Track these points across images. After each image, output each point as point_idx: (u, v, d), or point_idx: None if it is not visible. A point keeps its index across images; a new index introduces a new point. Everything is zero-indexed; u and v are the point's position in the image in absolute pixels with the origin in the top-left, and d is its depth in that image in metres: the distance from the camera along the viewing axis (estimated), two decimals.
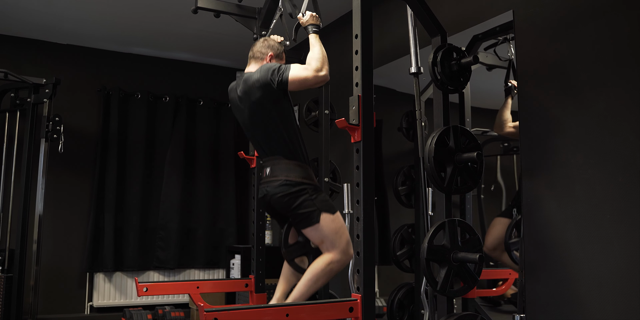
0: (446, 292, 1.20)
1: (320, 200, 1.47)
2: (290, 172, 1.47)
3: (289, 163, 1.48)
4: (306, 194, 1.45)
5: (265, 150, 1.54)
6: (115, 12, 2.56)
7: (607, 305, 1.22)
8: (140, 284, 1.71)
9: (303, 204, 1.45)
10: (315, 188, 1.49)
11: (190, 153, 3.17)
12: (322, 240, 1.46)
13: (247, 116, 1.54)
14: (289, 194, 1.45)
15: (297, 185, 1.46)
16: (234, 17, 1.95)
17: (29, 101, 2.47)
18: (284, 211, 1.50)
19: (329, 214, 1.46)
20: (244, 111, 1.55)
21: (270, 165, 1.51)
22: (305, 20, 1.54)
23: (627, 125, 1.22)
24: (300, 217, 1.46)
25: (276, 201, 1.48)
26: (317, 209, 1.45)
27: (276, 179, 1.48)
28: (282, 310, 1.09)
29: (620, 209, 1.21)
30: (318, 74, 1.42)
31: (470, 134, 1.31)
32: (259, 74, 1.48)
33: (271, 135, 1.50)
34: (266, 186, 1.51)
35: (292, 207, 1.46)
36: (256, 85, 1.47)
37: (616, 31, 1.26)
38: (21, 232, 2.35)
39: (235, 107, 1.59)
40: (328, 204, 1.48)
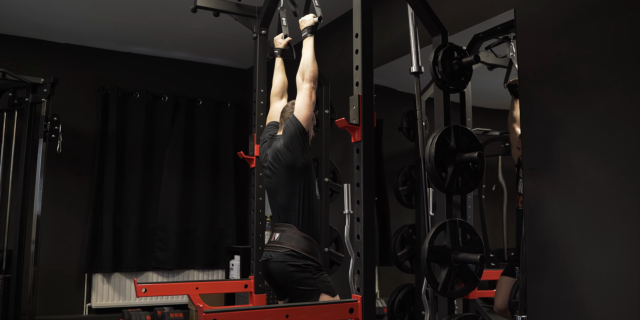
0: (447, 293, 1.19)
1: (321, 281, 1.47)
2: (299, 243, 1.48)
3: (299, 234, 1.49)
4: (309, 271, 1.46)
5: (280, 216, 1.55)
6: (114, 11, 2.55)
7: (609, 307, 1.21)
8: (139, 285, 1.70)
9: (304, 281, 1.45)
10: (318, 267, 1.49)
11: (190, 153, 3.16)
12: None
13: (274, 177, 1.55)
14: (294, 265, 1.46)
15: (303, 259, 1.46)
16: (233, 16, 1.94)
17: (27, 101, 2.46)
18: (283, 282, 1.50)
19: (328, 296, 1.46)
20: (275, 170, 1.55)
21: (280, 232, 1.53)
22: (304, 23, 1.54)
23: (629, 125, 1.21)
24: (299, 292, 1.46)
25: (278, 269, 1.48)
26: (317, 289, 1.45)
27: (282, 247, 1.49)
28: (282, 311, 1.09)
29: (622, 209, 1.20)
30: (313, 83, 1.47)
31: (472, 133, 1.30)
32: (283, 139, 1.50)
33: (289, 201, 1.51)
34: (270, 251, 1.52)
35: (293, 282, 1.46)
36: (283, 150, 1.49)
37: (618, 30, 1.25)
38: (19, 233, 2.34)
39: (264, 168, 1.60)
40: (329, 285, 1.49)
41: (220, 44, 3.01)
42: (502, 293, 1.49)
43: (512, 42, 1.50)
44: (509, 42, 1.51)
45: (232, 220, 3.20)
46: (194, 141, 3.19)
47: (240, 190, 3.29)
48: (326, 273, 1.53)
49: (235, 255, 2.91)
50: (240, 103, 3.38)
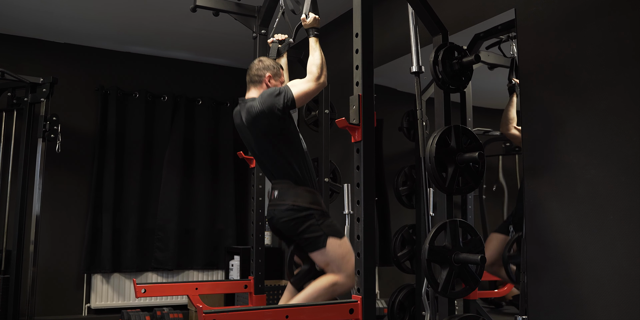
0: (447, 293, 1.19)
1: (326, 225, 1.48)
2: (298, 197, 1.48)
3: (297, 188, 1.50)
4: (313, 219, 1.47)
5: (274, 174, 1.55)
6: (113, 11, 2.54)
7: (610, 307, 1.21)
8: (138, 285, 1.69)
9: (309, 229, 1.46)
10: (322, 213, 1.50)
11: (189, 153, 3.15)
12: (328, 264, 1.47)
13: (254, 145, 1.55)
14: (295, 218, 1.47)
15: (304, 210, 1.47)
16: (233, 15, 1.93)
17: (26, 100, 2.45)
18: (290, 235, 1.51)
19: (335, 239, 1.47)
20: (249, 139, 1.56)
21: (279, 189, 1.53)
22: (309, 22, 1.53)
23: (629, 124, 1.21)
24: (307, 241, 1.47)
25: (282, 225, 1.50)
26: (323, 234, 1.46)
27: (283, 203, 1.49)
28: (282, 312, 1.08)
29: (623, 209, 1.20)
30: (319, 82, 1.46)
31: (472, 133, 1.30)
32: (261, 104, 1.47)
33: (279, 162, 1.51)
34: (274, 209, 1.53)
35: (298, 232, 1.47)
36: (260, 115, 1.47)
37: (619, 30, 1.25)
38: (18, 233, 2.34)
39: (241, 133, 1.60)
40: (335, 228, 1.49)
41: (220, 44, 3.00)
42: (491, 248, 1.49)
43: (513, 42, 1.50)
44: (512, 41, 1.50)
45: (232, 221, 3.19)
46: (193, 141, 3.18)
47: (240, 190, 3.29)
48: (331, 218, 1.51)
49: (235, 256, 2.90)
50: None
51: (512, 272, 1.44)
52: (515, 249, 1.42)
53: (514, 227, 1.44)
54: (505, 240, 1.47)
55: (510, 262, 1.42)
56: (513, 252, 1.42)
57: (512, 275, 1.44)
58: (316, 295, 1.43)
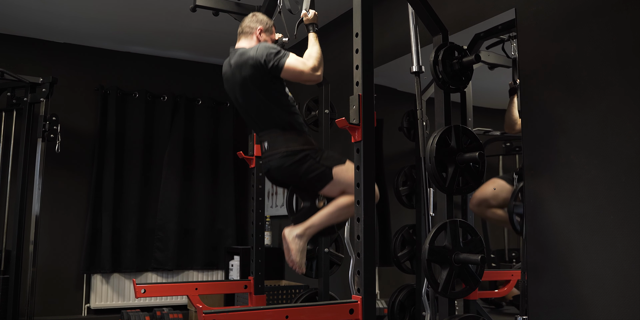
0: (447, 293, 1.18)
1: (325, 158, 1.46)
2: (290, 142, 1.46)
3: (286, 134, 1.47)
4: (310, 159, 1.44)
5: (260, 125, 1.52)
6: (113, 11, 2.54)
7: (610, 307, 1.20)
8: (138, 286, 1.69)
9: (310, 169, 1.43)
10: (316, 150, 1.47)
11: (189, 153, 3.15)
12: (344, 190, 1.45)
13: (238, 91, 1.52)
14: (293, 163, 1.44)
15: (299, 153, 1.44)
16: (232, 15, 1.93)
17: (26, 100, 2.45)
18: (292, 181, 1.48)
19: (340, 166, 1.45)
20: (235, 86, 1.52)
21: (268, 139, 1.50)
22: (310, 17, 1.53)
23: (630, 124, 1.21)
24: (313, 180, 1.44)
25: (282, 173, 1.47)
26: (326, 168, 1.44)
27: (277, 152, 1.47)
28: (282, 312, 1.08)
29: (624, 209, 1.20)
30: (313, 73, 1.43)
31: (472, 133, 1.30)
32: (255, 51, 1.45)
33: (264, 110, 1.49)
34: (268, 161, 1.50)
35: (300, 175, 1.44)
36: (250, 62, 1.45)
37: (619, 30, 1.25)
38: (17, 233, 2.33)
39: (227, 82, 1.56)
40: (334, 158, 1.47)
41: (220, 44, 3.00)
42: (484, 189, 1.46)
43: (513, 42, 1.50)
44: (512, 42, 1.50)
45: (232, 221, 3.19)
46: (193, 141, 3.18)
47: (240, 191, 3.28)
48: (326, 151, 1.50)
49: (234, 256, 2.90)
50: None
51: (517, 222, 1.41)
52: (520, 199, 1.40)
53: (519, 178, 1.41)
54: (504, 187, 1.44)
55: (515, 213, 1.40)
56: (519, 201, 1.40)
57: (517, 226, 1.41)
58: (338, 213, 1.42)
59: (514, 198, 1.43)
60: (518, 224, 1.41)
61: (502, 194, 1.46)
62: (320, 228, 1.45)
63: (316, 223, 1.44)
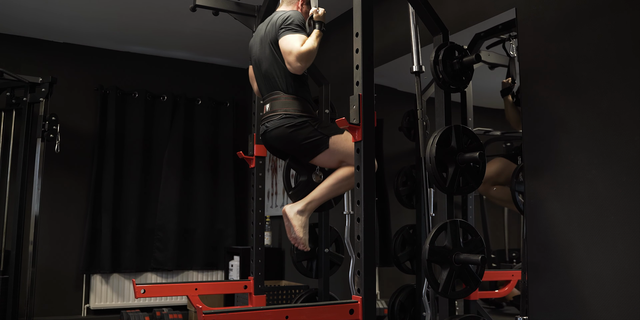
0: (448, 294, 1.18)
1: (323, 127, 1.45)
2: (289, 106, 1.45)
3: (288, 97, 1.47)
4: (308, 126, 1.44)
5: (267, 86, 1.53)
6: (113, 10, 2.53)
7: (611, 307, 1.20)
8: (137, 286, 1.68)
9: (308, 135, 1.43)
10: (315, 119, 1.47)
11: (189, 153, 3.15)
12: (342, 160, 1.44)
13: (259, 48, 1.54)
14: (292, 126, 1.43)
15: (298, 118, 1.44)
16: (232, 15, 1.93)
17: (25, 100, 2.44)
18: (289, 146, 1.47)
19: (338, 135, 1.44)
20: (257, 42, 1.55)
21: (270, 102, 1.50)
22: (320, 15, 1.52)
23: (631, 124, 1.20)
24: (308, 146, 1.43)
25: (278, 135, 1.46)
26: (323, 136, 1.43)
27: (275, 114, 1.47)
28: (282, 312, 1.07)
29: (624, 209, 1.20)
30: (296, 60, 1.39)
31: (473, 133, 1.30)
32: (284, 15, 1.48)
33: (275, 71, 1.49)
34: (266, 122, 1.50)
35: (298, 140, 1.43)
36: (277, 22, 1.47)
37: (620, 29, 1.24)
38: (17, 233, 2.33)
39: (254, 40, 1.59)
40: (332, 127, 1.47)
41: (220, 43, 3.00)
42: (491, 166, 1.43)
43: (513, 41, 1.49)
44: (512, 42, 1.50)
45: (232, 221, 3.18)
46: (193, 141, 3.18)
47: (240, 191, 3.28)
48: (325, 120, 1.49)
49: (234, 256, 2.90)
50: (239, 102, 3.37)
51: (520, 201, 1.40)
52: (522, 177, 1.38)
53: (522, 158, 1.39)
54: (509, 165, 1.42)
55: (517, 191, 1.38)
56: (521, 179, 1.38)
57: (520, 205, 1.39)
58: (338, 185, 1.41)
59: (515, 175, 1.40)
60: (520, 203, 1.40)
61: (507, 172, 1.44)
62: (322, 202, 1.44)
63: (317, 197, 1.42)
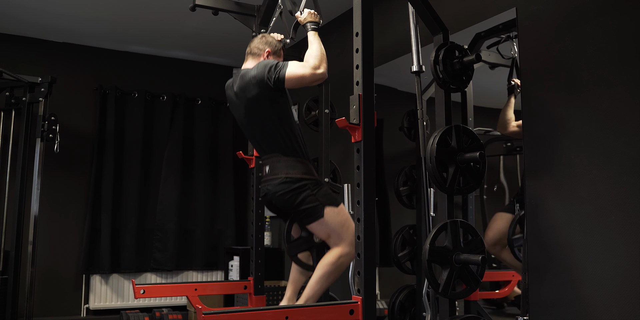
0: (448, 294, 1.18)
1: (322, 195, 1.45)
2: (290, 169, 1.45)
3: (288, 160, 1.47)
4: (307, 189, 1.44)
5: (264, 148, 1.53)
6: (112, 10, 2.53)
7: (612, 308, 1.20)
8: (137, 286, 1.68)
9: (305, 200, 1.43)
10: (316, 182, 1.47)
11: (188, 153, 3.14)
12: (329, 235, 1.45)
13: (243, 114, 1.52)
14: (290, 191, 1.44)
15: (298, 182, 1.44)
16: (232, 14, 1.92)
17: (24, 100, 2.44)
18: (287, 209, 1.49)
19: (332, 207, 1.44)
20: (240, 109, 1.53)
21: (270, 163, 1.50)
22: (303, 18, 1.53)
23: (632, 124, 1.20)
24: (304, 213, 1.45)
25: (278, 199, 1.47)
26: (320, 204, 1.44)
27: (276, 177, 1.47)
28: (282, 313, 1.07)
29: (625, 210, 1.19)
30: (315, 71, 1.41)
31: (473, 133, 1.29)
32: (255, 70, 1.46)
33: (269, 133, 1.49)
34: (267, 185, 1.50)
35: (295, 204, 1.44)
36: (252, 82, 1.45)
37: (621, 29, 1.24)
38: (16, 234, 2.32)
39: (232, 105, 1.57)
40: (331, 197, 1.47)
41: (220, 43, 2.99)
42: (495, 227, 1.47)
43: (514, 41, 1.49)
44: (512, 41, 1.50)
45: (231, 221, 3.18)
46: (192, 141, 3.17)
47: (240, 191, 3.27)
48: (325, 187, 1.50)
49: (234, 256, 2.89)
50: None
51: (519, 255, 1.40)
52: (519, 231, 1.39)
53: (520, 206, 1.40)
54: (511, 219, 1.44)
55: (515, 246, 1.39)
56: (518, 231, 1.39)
57: (518, 255, 1.40)
58: (327, 274, 1.42)
59: (512, 229, 1.42)
60: (519, 255, 1.40)
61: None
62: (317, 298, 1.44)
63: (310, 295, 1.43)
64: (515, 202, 1.46)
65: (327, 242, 1.47)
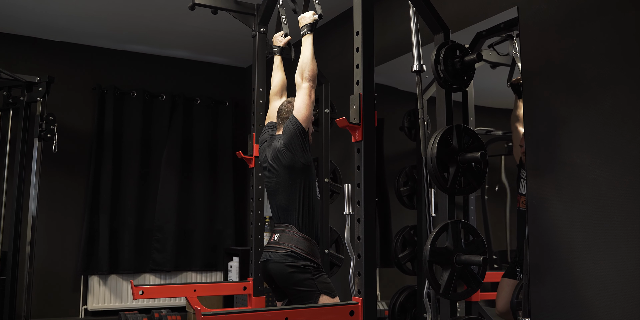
0: (449, 295, 1.17)
1: (321, 282, 1.46)
2: (298, 244, 1.47)
3: (299, 235, 1.48)
4: (308, 272, 1.45)
5: (280, 217, 1.54)
6: (111, 9, 2.52)
7: (614, 309, 1.19)
8: (136, 287, 1.67)
9: (303, 282, 1.44)
10: (318, 268, 1.49)
11: (187, 153, 3.13)
12: None
13: (273, 179, 1.54)
14: (292, 266, 1.45)
15: (302, 260, 1.45)
16: (232, 13, 1.91)
17: (22, 100, 2.42)
18: (283, 283, 1.49)
19: (328, 297, 1.45)
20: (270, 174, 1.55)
21: (280, 233, 1.52)
22: (304, 21, 1.53)
23: (634, 124, 1.19)
24: (299, 294, 1.45)
25: (277, 270, 1.47)
26: (317, 290, 1.44)
27: (281, 247, 1.48)
28: (282, 314, 1.07)
29: (627, 210, 1.19)
30: (312, 82, 1.46)
31: (474, 133, 1.29)
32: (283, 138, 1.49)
33: (289, 202, 1.50)
34: (270, 251, 1.51)
35: (292, 282, 1.45)
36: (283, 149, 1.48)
37: (623, 28, 1.23)
38: (14, 234, 2.31)
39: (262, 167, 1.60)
40: (329, 286, 1.48)
41: (219, 42, 2.98)
42: (504, 295, 1.48)
43: (515, 40, 1.48)
44: (512, 40, 1.49)
45: (231, 221, 3.17)
46: (191, 141, 3.16)
47: (239, 191, 3.26)
48: (326, 274, 1.51)
49: (234, 257, 2.88)
50: (239, 102, 3.35)
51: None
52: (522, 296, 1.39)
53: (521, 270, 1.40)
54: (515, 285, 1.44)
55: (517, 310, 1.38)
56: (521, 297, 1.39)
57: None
58: None
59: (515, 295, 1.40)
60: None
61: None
62: None
63: None
64: (514, 266, 1.45)
65: None
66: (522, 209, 1.43)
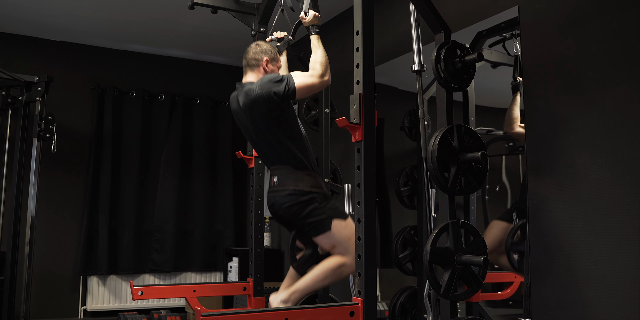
0: (450, 295, 1.17)
1: (330, 208, 1.46)
2: (299, 181, 1.46)
3: (298, 173, 1.47)
4: (315, 202, 1.44)
5: (273, 160, 1.53)
6: (110, 8, 2.51)
7: (615, 309, 1.19)
8: (135, 288, 1.66)
9: (313, 213, 1.44)
10: (324, 196, 1.48)
11: (187, 153, 3.13)
12: (335, 246, 1.45)
13: (251, 129, 1.53)
14: (298, 203, 1.44)
15: (306, 194, 1.45)
16: (231, 13, 1.91)
17: (21, 99, 2.42)
18: (293, 220, 1.49)
19: (340, 220, 1.45)
20: (247, 124, 1.53)
21: (278, 175, 1.50)
22: (308, 20, 1.52)
23: (635, 124, 1.19)
24: (311, 225, 1.45)
25: (285, 211, 1.47)
26: (327, 217, 1.44)
27: (284, 189, 1.47)
28: (281, 314, 1.06)
29: (628, 210, 1.18)
30: (323, 79, 1.44)
31: (475, 133, 1.28)
32: (259, 88, 1.45)
33: (277, 147, 1.49)
34: (274, 196, 1.50)
35: (302, 216, 1.44)
36: (259, 100, 1.44)
37: (624, 28, 1.23)
38: (13, 234, 2.30)
39: (238, 118, 1.57)
40: (338, 210, 1.47)
41: (218, 42, 2.98)
42: (491, 235, 1.47)
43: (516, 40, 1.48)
44: (515, 40, 1.48)
45: (230, 222, 3.16)
46: (191, 141, 3.15)
47: (239, 191, 3.26)
48: (333, 200, 1.50)
49: (233, 257, 2.88)
50: None
51: (515, 261, 1.41)
52: (519, 236, 1.39)
53: (518, 215, 1.41)
54: (507, 228, 1.45)
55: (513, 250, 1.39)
56: (517, 239, 1.39)
57: (515, 263, 1.41)
58: (324, 275, 1.41)
59: (511, 236, 1.42)
60: (516, 262, 1.40)
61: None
62: (306, 293, 1.44)
63: (301, 288, 1.42)
64: (512, 211, 1.45)
65: (331, 252, 1.47)
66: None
